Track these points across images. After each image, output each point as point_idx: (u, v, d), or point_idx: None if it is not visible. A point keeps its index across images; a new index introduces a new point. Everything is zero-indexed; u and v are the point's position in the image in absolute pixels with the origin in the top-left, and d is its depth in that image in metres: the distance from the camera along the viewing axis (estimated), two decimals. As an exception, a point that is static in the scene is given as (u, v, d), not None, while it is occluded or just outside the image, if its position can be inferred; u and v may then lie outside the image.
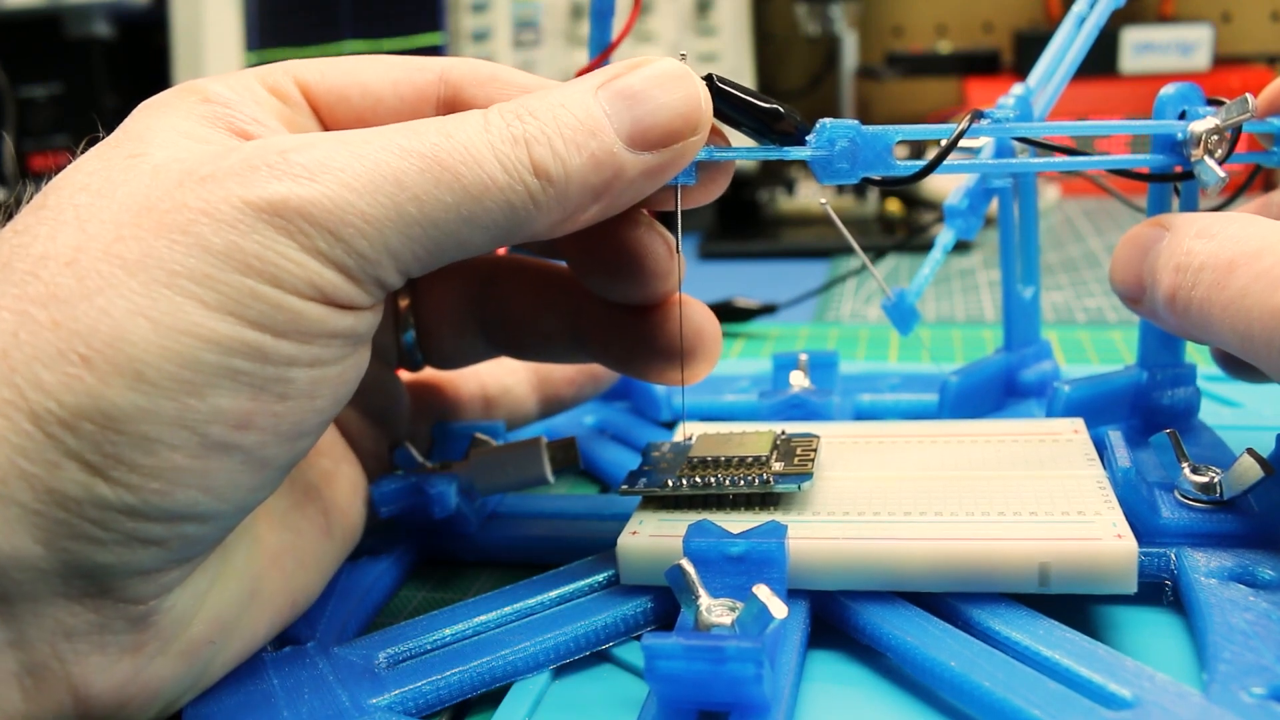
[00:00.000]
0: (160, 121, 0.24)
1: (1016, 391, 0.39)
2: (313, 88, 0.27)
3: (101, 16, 1.02)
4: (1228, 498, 0.27)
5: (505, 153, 0.23)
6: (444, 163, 0.23)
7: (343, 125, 0.27)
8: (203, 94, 0.25)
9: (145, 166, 0.23)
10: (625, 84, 0.25)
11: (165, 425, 0.21)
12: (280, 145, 0.22)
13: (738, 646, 0.21)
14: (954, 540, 0.26)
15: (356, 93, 0.27)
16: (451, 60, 0.28)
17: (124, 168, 0.23)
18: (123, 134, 0.24)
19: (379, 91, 0.28)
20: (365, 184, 0.22)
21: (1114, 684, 0.22)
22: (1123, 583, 0.24)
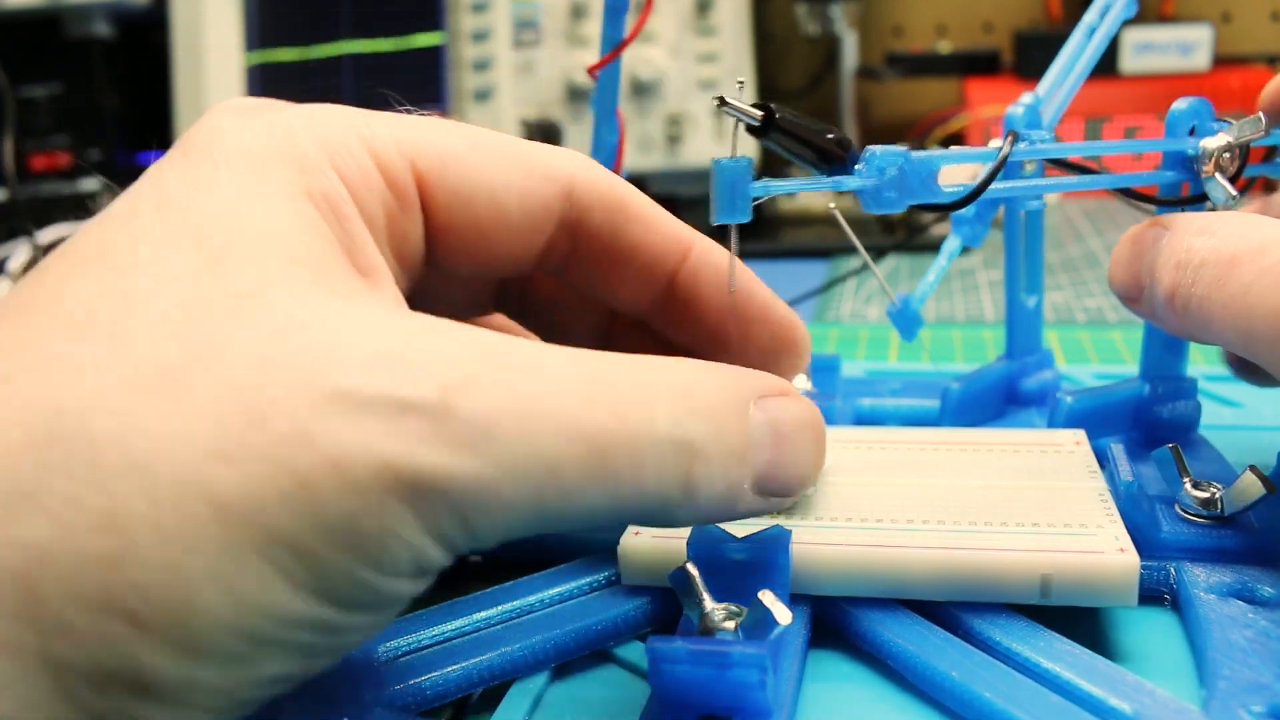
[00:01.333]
0: (265, 222, 0.19)
1: (1017, 400, 0.40)
2: (431, 182, 0.23)
3: (101, 16, 1.02)
4: (1229, 514, 0.27)
5: (667, 458, 0.20)
6: (607, 457, 0.19)
7: (457, 234, 0.24)
8: (310, 176, 0.20)
9: (259, 321, 0.18)
10: (779, 417, 0.22)
11: (204, 693, 0.17)
12: (444, 377, 0.18)
13: (743, 652, 0.21)
14: (956, 550, 0.26)
15: (482, 198, 0.23)
16: (578, 167, 0.25)
17: (228, 313, 0.18)
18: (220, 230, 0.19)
19: (505, 202, 0.24)
20: (518, 464, 0.18)
21: (1114, 698, 0.22)
22: (1124, 596, 0.25)
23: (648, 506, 0.20)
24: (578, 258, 0.26)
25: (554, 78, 0.92)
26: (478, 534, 0.19)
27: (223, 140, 0.21)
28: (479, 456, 0.18)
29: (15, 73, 1.02)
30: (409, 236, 0.23)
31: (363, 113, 0.23)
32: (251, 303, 0.18)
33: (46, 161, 1.03)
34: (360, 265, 0.21)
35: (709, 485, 0.21)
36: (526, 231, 0.24)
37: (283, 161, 0.20)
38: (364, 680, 0.25)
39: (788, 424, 0.22)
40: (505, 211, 0.24)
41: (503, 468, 0.18)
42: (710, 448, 0.21)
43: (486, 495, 0.18)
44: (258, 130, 0.21)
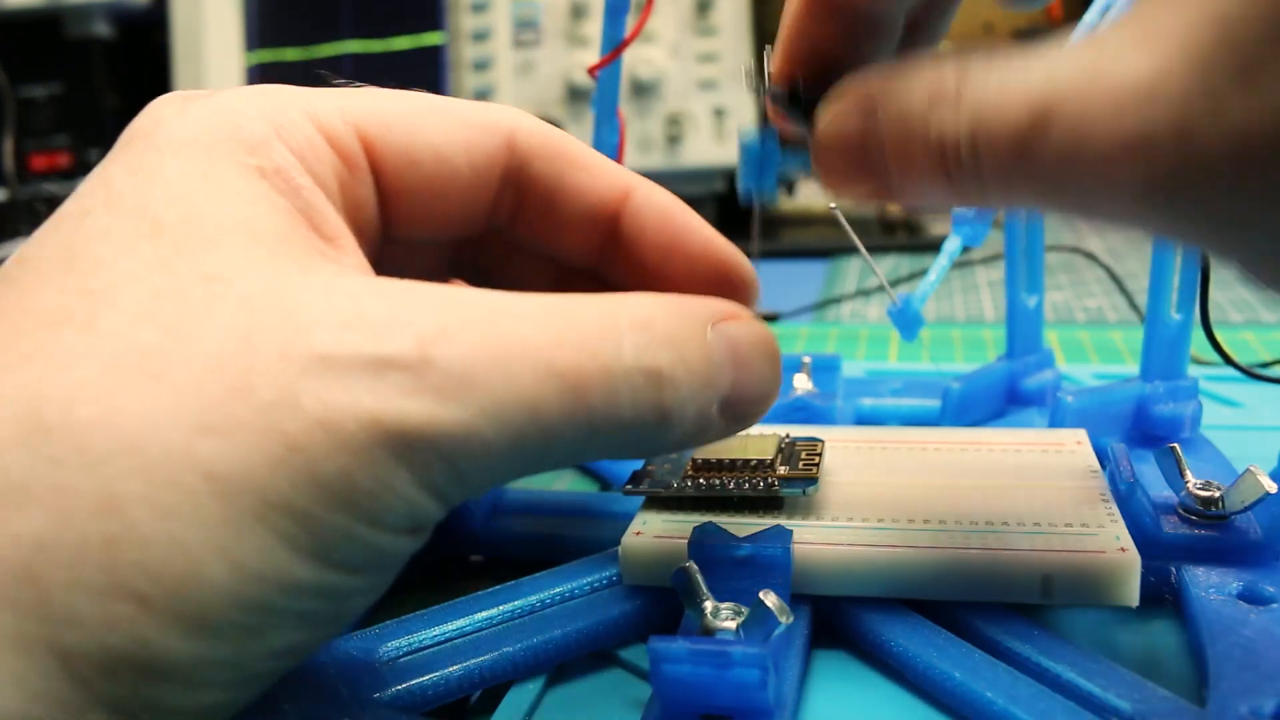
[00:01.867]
0: (222, 207, 0.19)
1: (1018, 400, 0.40)
2: (378, 146, 0.23)
3: (101, 16, 1.02)
4: (1230, 514, 0.27)
5: (639, 387, 0.20)
6: (582, 392, 0.19)
7: (409, 193, 0.24)
8: (258, 154, 0.21)
9: (228, 300, 0.18)
10: (736, 339, 0.22)
11: (215, 669, 0.17)
12: (417, 326, 0.18)
13: (744, 652, 0.21)
14: (958, 549, 0.26)
15: (428, 157, 0.24)
16: (516, 119, 0.25)
17: (202, 297, 0.18)
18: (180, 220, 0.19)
19: (451, 157, 0.24)
20: (501, 409, 0.18)
21: (1115, 698, 0.22)
22: (1125, 595, 0.25)
23: (625, 438, 0.21)
24: (523, 210, 0.26)
25: (554, 78, 0.92)
26: (467, 482, 0.19)
27: (165, 129, 0.21)
28: (462, 404, 0.18)
29: (15, 73, 1.02)
30: (363, 204, 0.23)
31: (303, 89, 0.23)
32: (220, 284, 0.18)
33: (46, 161, 1.03)
34: (324, 233, 0.21)
35: (680, 410, 0.21)
36: (475, 186, 0.24)
37: (229, 143, 0.20)
38: (365, 681, 0.25)
39: (745, 344, 0.23)
40: (453, 167, 0.24)
41: (486, 413, 0.18)
42: (678, 373, 0.21)
43: (473, 441, 0.18)
44: (200, 115, 0.21)
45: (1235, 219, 0.17)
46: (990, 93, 0.19)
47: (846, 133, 0.22)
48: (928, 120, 0.20)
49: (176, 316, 0.17)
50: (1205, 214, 0.17)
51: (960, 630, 0.25)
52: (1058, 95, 0.17)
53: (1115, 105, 0.17)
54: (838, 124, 0.22)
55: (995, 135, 0.19)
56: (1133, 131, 0.16)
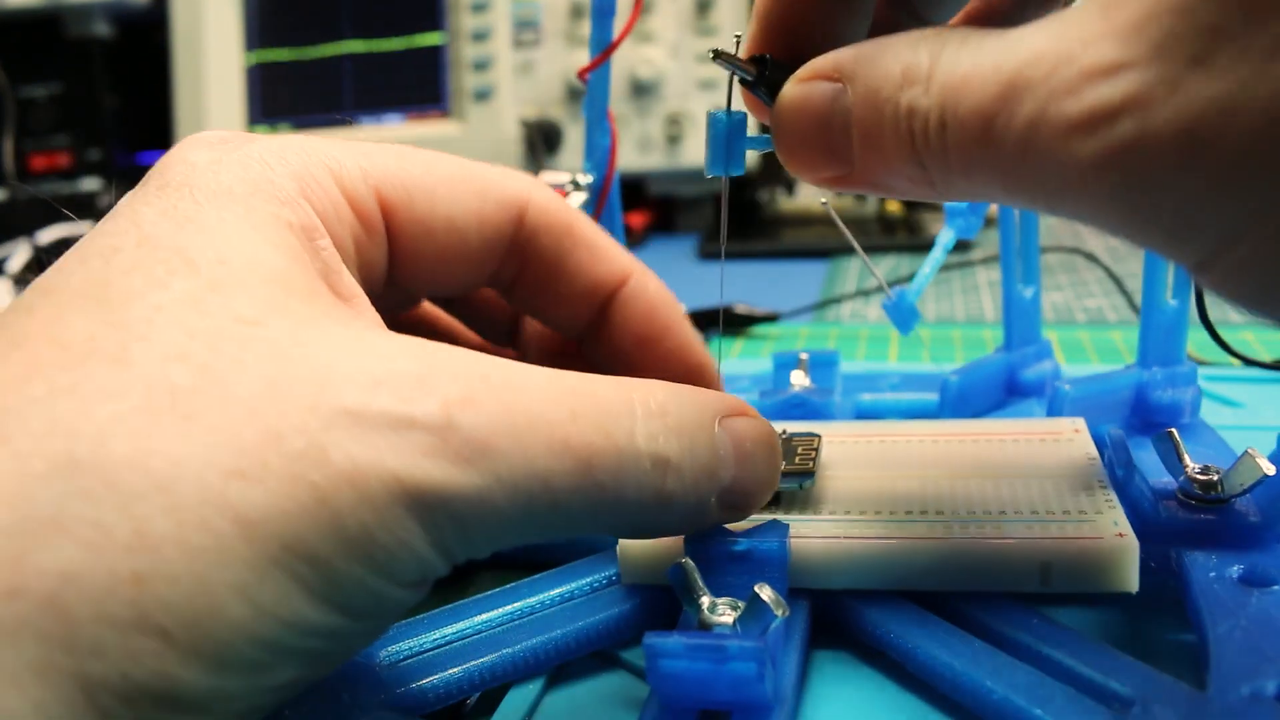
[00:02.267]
0: (255, 252, 0.20)
1: (1017, 391, 0.40)
2: (397, 213, 0.24)
3: (101, 16, 1.02)
4: (1228, 497, 0.27)
5: (646, 471, 0.21)
6: (593, 469, 0.20)
7: (420, 262, 0.25)
8: (290, 208, 0.21)
9: (264, 347, 0.18)
10: (741, 434, 0.23)
11: (226, 701, 0.18)
12: (444, 393, 0.19)
13: (740, 645, 0.21)
14: (955, 539, 0.25)
15: (442, 228, 0.25)
16: (530, 191, 0.26)
17: (236, 339, 0.18)
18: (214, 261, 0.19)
19: (464, 229, 0.25)
20: (515, 478, 0.19)
21: (1116, 683, 0.22)
22: (1124, 581, 0.24)
23: (625, 517, 0.22)
24: (523, 278, 0.27)
25: (554, 78, 0.92)
26: (474, 544, 0.20)
27: (200, 176, 0.21)
28: (479, 470, 0.19)
29: (15, 73, 1.03)
30: (375, 264, 0.24)
31: (329, 143, 0.23)
32: (255, 329, 0.18)
33: (46, 161, 1.03)
34: (340, 292, 0.22)
35: (682, 498, 0.22)
36: (483, 256, 0.25)
37: (262, 196, 0.21)
38: (367, 683, 0.25)
39: (749, 441, 0.23)
40: (464, 239, 0.25)
41: (500, 480, 0.19)
42: (684, 462, 0.22)
43: (485, 507, 0.19)
44: (234, 165, 0.21)
45: (1184, 207, 0.17)
46: (961, 72, 0.19)
47: (810, 108, 0.22)
48: (898, 99, 0.20)
49: (210, 357, 0.18)
50: (1156, 201, 0.17)
51: (959, 620, 0.25)
52: (1024, 75, 0.18)
53: (1075, 84, 0.17)
54: (801, 97, 0.22)
55: (964, 114, 0.19)
56: (1089, 109, 0.17)
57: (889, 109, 0.20)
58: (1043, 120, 0.17)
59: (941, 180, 0.20)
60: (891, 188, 0.22)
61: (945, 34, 0.20)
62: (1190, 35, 0.16)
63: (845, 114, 0.21)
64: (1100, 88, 0.17)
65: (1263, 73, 0.15)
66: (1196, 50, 0.16)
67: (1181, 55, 0.16)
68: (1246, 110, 0.16)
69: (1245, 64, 0.16)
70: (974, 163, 0.19)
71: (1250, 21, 0.15)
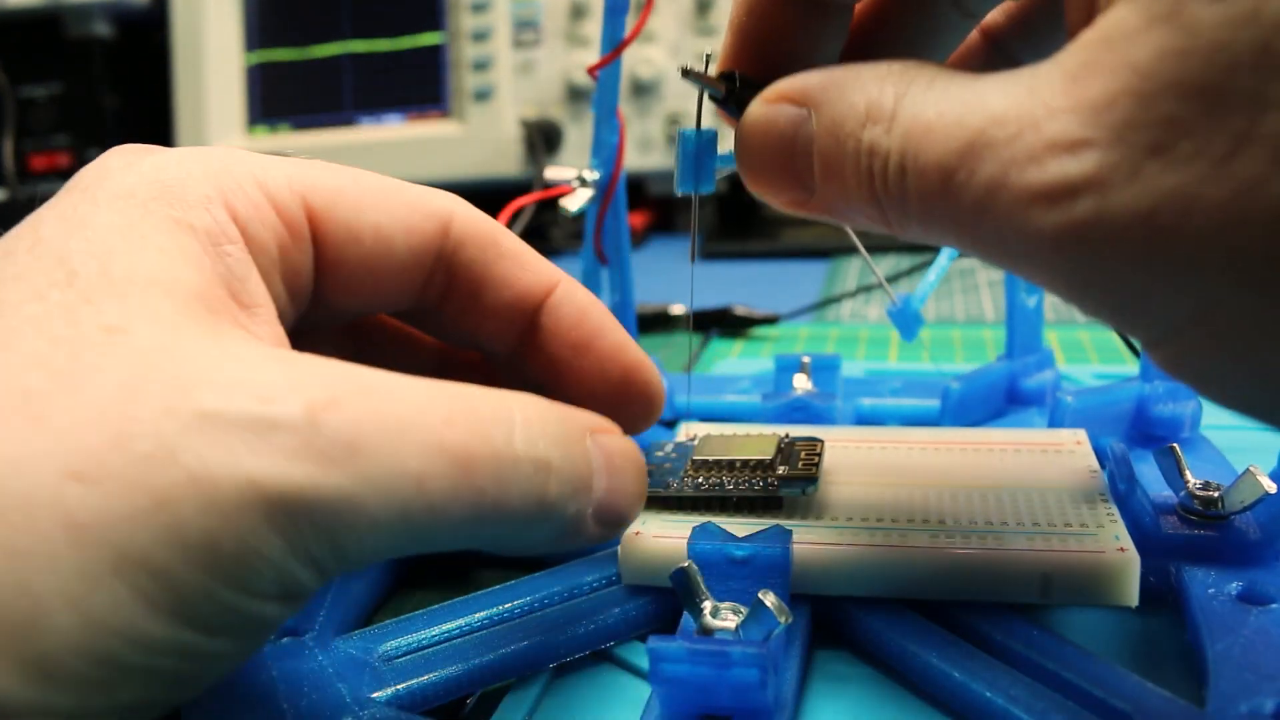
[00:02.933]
0: (140, 263, 0.19)
1: (1018, 399, 0.40)
2: (322, 218, 0.24)
3: (101, 16, 1.02)
4: (1229, 514, 0.27)
5: (528, 476, 0.20)
6: (471, 472, 0.19)
7: (346, 266, 0.24)
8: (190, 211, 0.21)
9: (125, 353, 0.18)
10: (610, 449, 0.23)
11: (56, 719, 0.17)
12: (309, 393, 0.18)
13: (743, 651, 0.21)
14: (957, 549, 0.26)
15: (369, 234, 0.24)
16: (453, 205, 0.26)
17: (98, 346, 0.18)
18: (96, 271, 0.19)
19: (391, 236, 0.24)
20: (388, 479, 0.18)
21: (1115, 698, 0.22)
22: (1125, 595, 0.25)
23: (508, 525, 0.21)
24: (451, 293, 0.26)
25: (554, 78, 0.92)
26: (346, 553, 0.19)
27: (108, 180, 0.21)
28: (345, 471, 0.18)
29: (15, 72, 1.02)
30: (300, 270, 0.24)
31: (255, 154, 0.23)
32: (120, 336, 0.18)
33: (46, 161, 1.03)
34: (242, 300, 0.21)
35: (562, 506, 0.21)
36: (409, 266, 0.25)
37: (165, 200, 0.21)
38: (365, 680, 0.25)
39: (618, 456, 0.23)
40: (391, 246, 0.24)
41: (370, 483, 0.18)
42: (564, 469, 0.21)
43: (353, 512, 0.18)
44: (144, 169, 0.21)
45: (1137, 291, 0.17)
46: (925, 119, 0.19)
47: (774, 131, 0.22)
48: (860, 135, 0.20)
49: (68, 364, 0.17)
50: (1109, 281, 0.17)
51: (960, 630, 0.25)
52: (987, 134, 0.18)
53: (1037, 153, 0.17)
54: (767, 120, 0.22)
55: (924, 164, 0.19)
56: (1050, 182, 0.17)
57: (850, 144, 0.20)
58: (1003, 184, 0.17)
59: (898, 223, 0.20)
60: (850, 220, 0.22)
61: (913, 73, 0.20)
62: (1150, 123, 0.16)
63: (809, 141, 0.21)
64: (1063, 162, 0.17)
65: (1218, 172, 0.15)
66: (1156, 140, 0.16)
67: (1142, 143, 0.16)
68: (1201, 209, 0.16)
69: (1202, 160, 0.15)
70: (932, 213, 0.19)
71: (1210, 117, 0.15)
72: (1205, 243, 0.16)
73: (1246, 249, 0.15)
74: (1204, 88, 0.15)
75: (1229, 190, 0.15)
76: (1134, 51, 0.16)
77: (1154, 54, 0.16)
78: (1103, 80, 0.17)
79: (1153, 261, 0.16)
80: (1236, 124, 0.15)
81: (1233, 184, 0.15)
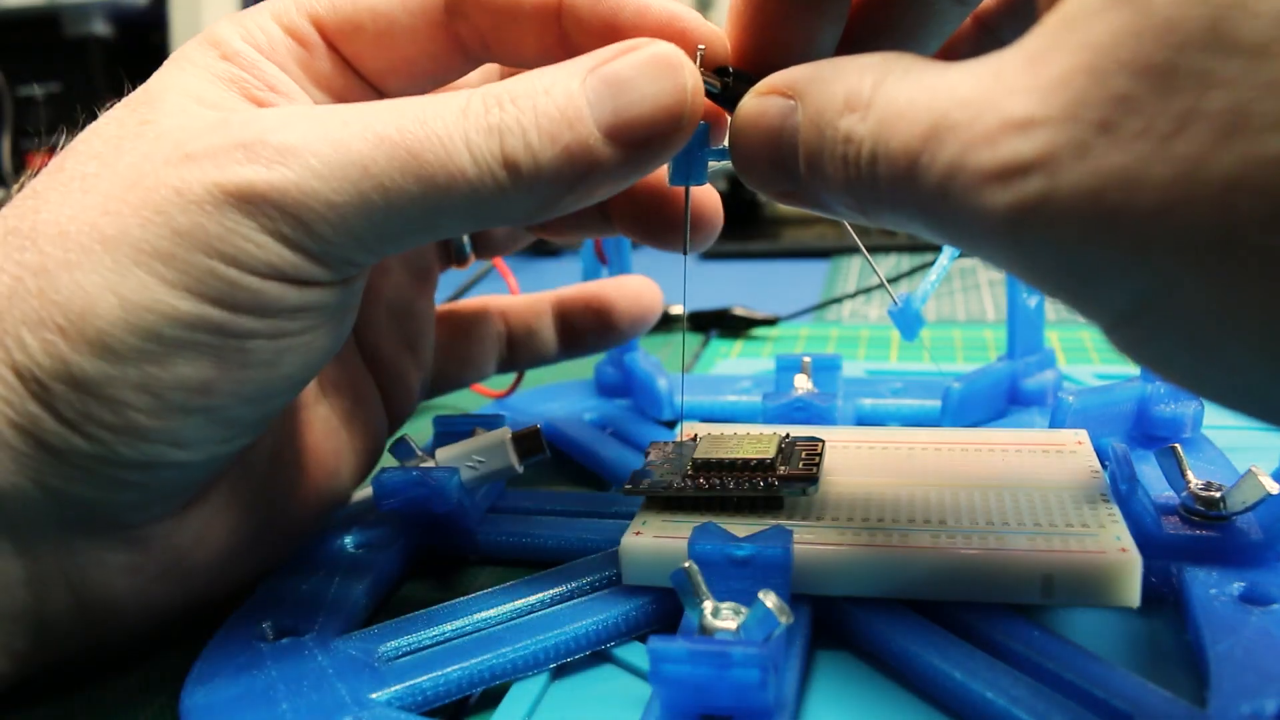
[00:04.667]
0: (178, 81, 0.25)
1: (1019, 400, 0.40)
2: (326, 23, 0.27)
3: (100, 15, 1.02)
4: (1231, 514, 0.27)
5: (478, 143, 0.23)
6: (413, 150, 0.23)
7: (365, 56, 0.27)
8: (222, 48, 0.26)
9: (150, 135, 0.24)
10: (614, 70, 0.24)
11: (129, 390, 0.23)
12: (262, 125, 0.23)
13: (743, 652, 0.21)
14: (958, 549, 0.26)
15: (368, 18, 0.27)
16: None
17: (133, 135, 0.24)
18: (144, 93, 0.25)
19: (389, 13, 0.27)
20: (332, 170, 0.22)
21: (1116, 699, 0.22)
22: (1126, 596, 0.24)
23: (480, 191, 0.23)
24: (476, 31, 0.27)
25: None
26: (320, 235, 0.23)
27: (185, 47, 0.26)
28: (288, 167, 0.22)
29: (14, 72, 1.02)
30: (327, 74, 0.27)
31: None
32: (149, 126, 0.24)
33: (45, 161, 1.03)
34: (279, 91, 0.26)
35: (530, 153, 0.23)
36: (418, 26, 0.27)
37: (201, 45, 0.26)
38: (365, 681, 0.25)
39: (626, 70, 0.24)
40: (391, 18, 0.27)
41: (316, 173, 0.22)
42: (520, 122, 0.23)
43: (309, 197, 0.22)
44: (197, 36, 0.27)
45: (1089, 273, 0.17)
46: (897, 107, 0.19)
47: (763, 123, 0.23)
48: (838, 125, 0.20)
49: (111, 151, 0.24)
50: (1061, 263, 0.17)
51: (960, 630, 0.25)
52: (950, 118, 0.18)
53: (993, 134, 0.17)
54: (756, 112, 0.23)
55: (893, 149, 0.19)
56: (1002, 161, 0.17)
57: (829, 132, 0.21)
58: (961, 166, 0.18)
59: (872, 210, 0.21)
60: (833, 210, 0.22)
61: (891, 62, 0.20)
62: (1101, 101, 0.16)
63: (794, 132, 0.22)
64: (1015, 141, 0.17)
65: (1162, 151, 0.15)
66: (1105, 117, 0.16)
67: (1091, 120, 0.16)
68: (1147, 188, 0.16)
69: (1149, 138, 0.15)
70: (900, 198, 0.20)
71: (1157, 95, 0.15)
72: (1151, 223, 0.16)
73: (1191, 229, 0.15)
74: (1154, 66, 0.15)
75: (1173, 169, 0.15)
76: (1092, 30, 0.16)
77: (1110, 32, 0.16)
78: (1060, 59, 0.17)
79: (1102, 243, 0.16)
80: (1183, 102, 0.15)
81: (1177, 163, 0.15)
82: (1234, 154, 0.15)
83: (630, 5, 0.26)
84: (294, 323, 0.24)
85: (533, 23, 0.26)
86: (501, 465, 0.32)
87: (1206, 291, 0.16)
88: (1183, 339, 0.17)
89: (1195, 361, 0.17)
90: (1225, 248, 0.15)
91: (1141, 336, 0.17)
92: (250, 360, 0.24)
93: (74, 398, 0.22)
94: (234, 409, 0.24)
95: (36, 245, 0.23)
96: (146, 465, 0.24)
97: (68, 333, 0.22)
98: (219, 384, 0.24)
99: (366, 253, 0.24)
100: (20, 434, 0.23)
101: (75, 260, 0.22)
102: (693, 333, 0.61)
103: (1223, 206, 0.15)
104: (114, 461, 0.23)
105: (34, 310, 0.22)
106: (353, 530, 0.32)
